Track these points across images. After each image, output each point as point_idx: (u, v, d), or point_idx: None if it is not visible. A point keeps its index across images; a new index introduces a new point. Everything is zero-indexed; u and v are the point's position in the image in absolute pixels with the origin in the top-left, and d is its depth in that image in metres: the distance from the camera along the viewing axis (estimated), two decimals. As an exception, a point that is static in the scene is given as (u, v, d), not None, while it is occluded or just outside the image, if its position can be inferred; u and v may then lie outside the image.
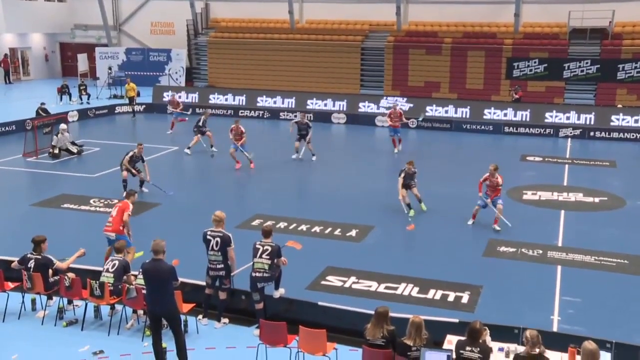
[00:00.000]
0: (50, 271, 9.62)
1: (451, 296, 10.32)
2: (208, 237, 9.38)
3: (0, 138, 22.60)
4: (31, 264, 9.59)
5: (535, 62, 29.65)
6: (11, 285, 9.77)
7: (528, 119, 25.78)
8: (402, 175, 14.51)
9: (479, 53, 30.49)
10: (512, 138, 24.66)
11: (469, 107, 26.62)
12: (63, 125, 20.56)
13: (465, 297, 10.28)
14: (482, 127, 25.55)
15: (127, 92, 28.36)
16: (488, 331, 7.51)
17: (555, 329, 9.25)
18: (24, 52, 40.05)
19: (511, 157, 21.03)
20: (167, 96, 28.92)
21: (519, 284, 11.04)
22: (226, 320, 9.48)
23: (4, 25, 36.34)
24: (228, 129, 18.84)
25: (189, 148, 20.38)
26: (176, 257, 9.34)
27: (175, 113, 24.34)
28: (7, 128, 23.31)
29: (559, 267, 11.62)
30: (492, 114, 26.17)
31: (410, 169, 14.58)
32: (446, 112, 26.64)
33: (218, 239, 9.30)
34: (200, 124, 20.51)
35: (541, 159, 20.84)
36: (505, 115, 26.02)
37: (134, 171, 15.72)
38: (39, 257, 9.62)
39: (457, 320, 8.61)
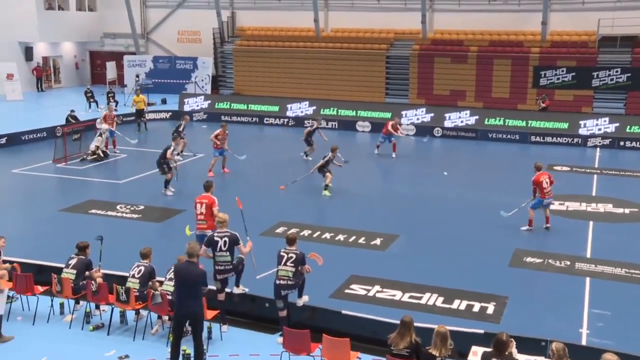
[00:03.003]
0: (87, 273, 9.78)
1: (476, 306, 10.20)
2: (215, 238, 9.43)
3: (32, 144, 23.02)
4: (72, 261, 9.82)
5: (563, 71, 29.27)
6: (40, 289, 9.94)
7: (556, 128, 25.53)
8: (326, 160, 16.62)
9: (505, 62, 30.19)
10: (539, 147, 24.35)
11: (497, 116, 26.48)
12: (105, 126, 20.99)
13: (490, 308, 10.15)
14: (509, 135, 25.32)
15: (135, 104, 26.16)
16: (514, 343, 7.41)
17: (584, 342, 9.09)
18: (56, 61, 40.79)
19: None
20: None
21: (546, 296, 10.88)
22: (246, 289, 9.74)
23: (37, 35, 37.07)
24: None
25: (179, 154, 19.88)
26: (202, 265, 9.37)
27: (109, 130, 21.21)
28: (38, 135, 23.74)
29: (588, 279, 11.42)
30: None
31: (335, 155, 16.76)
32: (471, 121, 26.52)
33: (226, 239, 9.38)
34: (181, 129, 20.48)
35: (569, 168, 20.55)
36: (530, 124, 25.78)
37: (173, 165, 15.96)
38: (83, 257, 9.86)
39: (482, 332, 8.50)
